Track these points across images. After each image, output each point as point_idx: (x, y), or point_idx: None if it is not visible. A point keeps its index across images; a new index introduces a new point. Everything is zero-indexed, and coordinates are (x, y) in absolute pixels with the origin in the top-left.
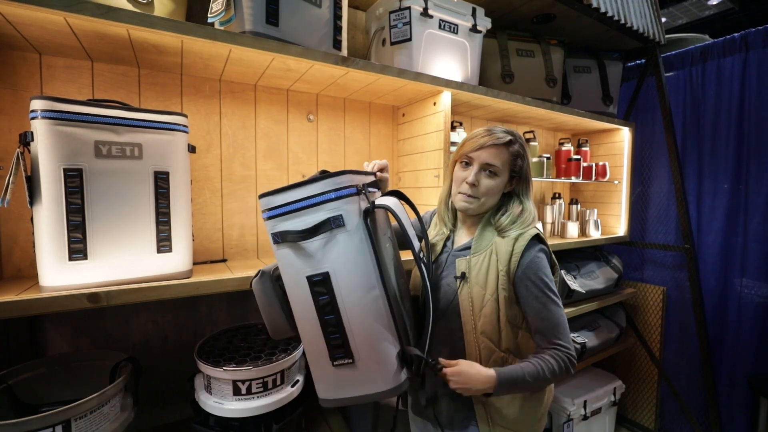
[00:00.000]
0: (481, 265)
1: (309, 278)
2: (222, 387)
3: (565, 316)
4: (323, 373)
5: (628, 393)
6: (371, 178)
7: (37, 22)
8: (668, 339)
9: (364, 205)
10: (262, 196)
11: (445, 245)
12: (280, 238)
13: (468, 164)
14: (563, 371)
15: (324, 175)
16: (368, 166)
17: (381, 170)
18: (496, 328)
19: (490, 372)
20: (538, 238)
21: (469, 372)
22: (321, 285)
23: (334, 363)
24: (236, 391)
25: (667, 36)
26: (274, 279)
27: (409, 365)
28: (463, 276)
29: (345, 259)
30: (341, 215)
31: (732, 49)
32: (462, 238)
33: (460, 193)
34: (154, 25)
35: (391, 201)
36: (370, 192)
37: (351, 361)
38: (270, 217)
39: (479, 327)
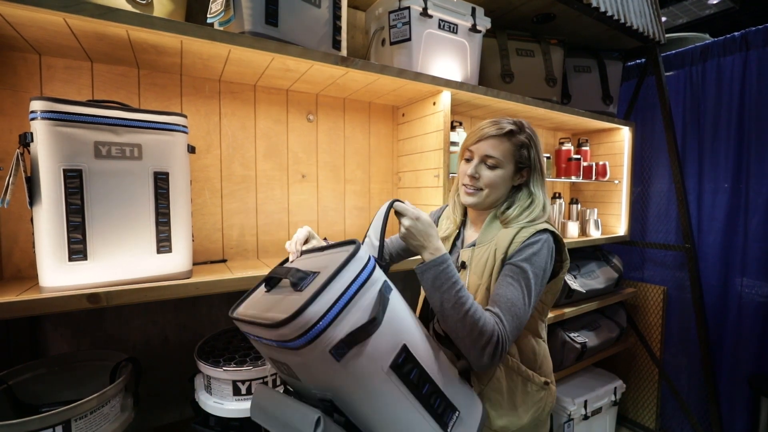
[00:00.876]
0: (482, 256)
1: (393, 364)
2: (222, 387)
3: (526, 313)
4: None
5: (628, 393)
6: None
7: (36, 23)
8: (669, 339)
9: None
10: (291, 318)
11: (454, 243)
12: (346, 346)
13: (469, 159)
14: (484, 337)
15: (348, 258)
16: (289, 246)
17: (306, 241)
18: None
19: (441, 245)
20: (545, 231)
21: (427, 228)
22: (406, 362)
23: (448, 429)
24: (236, 392)
25: (667, 35)
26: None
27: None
28: (464, 265)
29: (405, 318)
30: (386, 280)
31: (732, 48)
32: (471, 234)
33: (462, 185)
34: (153, 26)
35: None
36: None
37: (458, 413)
38: (317, 335)
39: None
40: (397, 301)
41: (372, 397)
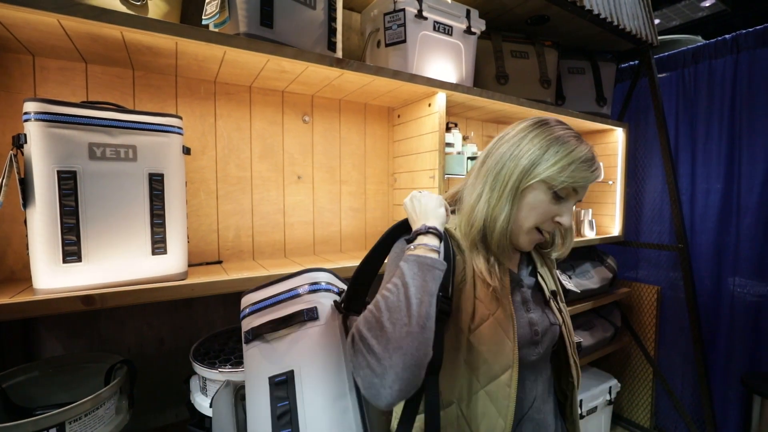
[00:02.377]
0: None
1: (271, 379)
2: (217, 388)
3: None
4: None
5: (623, 392)
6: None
7: (30, 24)
8: (663, 338)
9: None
10: (245, 293)
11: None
12: (251, 334)
13: (562, 198)
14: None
15: (303, 270)
16: None
17: None
18: None
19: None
20: None
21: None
22: (283, 387)
23: None
24: None
25: (660, 37)
26: (239, 398)
27: None
28: (555, 294)
29: (314, 355)
30: (315, 308)
31: (723, 51)
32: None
33: (536, 229)
34: (148, 27)
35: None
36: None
37: None
38: (245, 316)
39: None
40: (321, 336)
41: (252, 395)
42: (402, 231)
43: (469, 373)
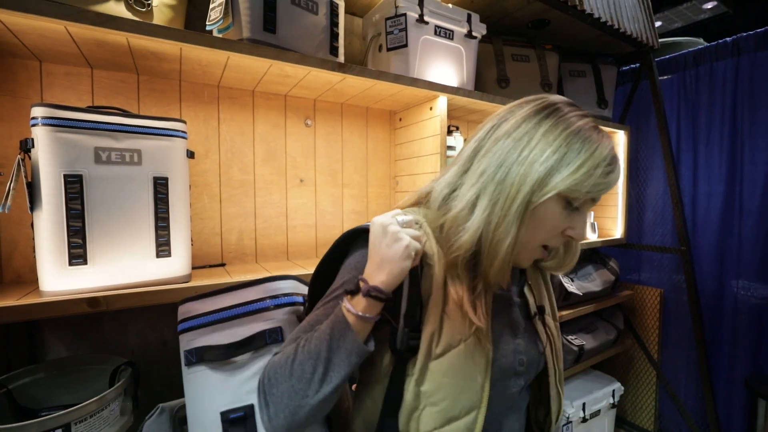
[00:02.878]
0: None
1: (224, 415)
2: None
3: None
4: None
5: (626, 395)
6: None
7: (37, 31)
8: (666, 341)
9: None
10: (183, 302)
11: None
12: (194, 356)
13: (578, 209)
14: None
15: (262, 279)
16: None
17: None
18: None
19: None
20: None
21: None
22: (240, 424)
23: None
24: None
25: (662, 40)
26: (176, 422)
27: None
28: (542, 310)
29: None
30: (280, 327)
31: (724, 53)
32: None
33: (543, 247)
34: (153, 34)
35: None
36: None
37: None
38: (186, 329)
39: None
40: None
41: (194, 426)
42: (360, 240)
43: (421, 409)
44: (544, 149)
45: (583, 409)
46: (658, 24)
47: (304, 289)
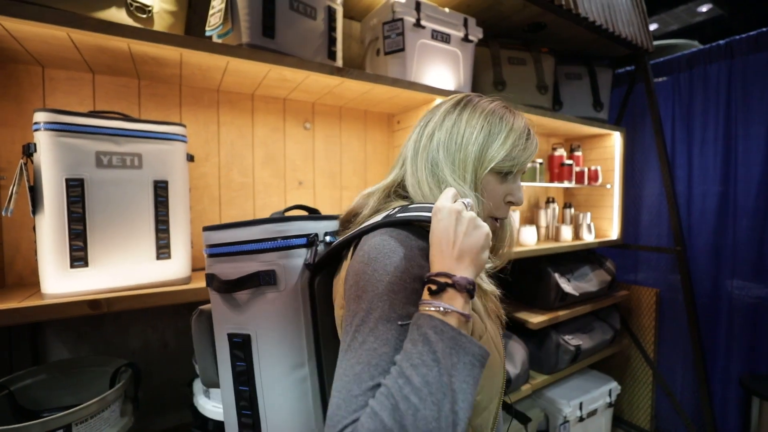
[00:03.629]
0: None
1: (230, 336)
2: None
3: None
4: None
5: (623, 394)
6: (334, 224)
7: (40, 38)
8: (662, 340)
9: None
10: (205, 229)
11: None
12: (209, 281)
13: (510, 176)
14: None
15: (268, 218)
16: None
17: None
18: None
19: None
20: None
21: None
22: (240, 348)
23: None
24: None
25: (657, 42)
26: (211, 320)
27: None
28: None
29: (271, 325)
30: (273, 271)
31: (717, 56)
32: None
33: (494, 219)
34: (154, 40)
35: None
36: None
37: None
38: (208, 255)
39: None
40: (279, 304)
41: (216, 336)
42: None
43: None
44: (472, 132)
45: (580, 409)
46: (654, 26)
47: (311, 227)
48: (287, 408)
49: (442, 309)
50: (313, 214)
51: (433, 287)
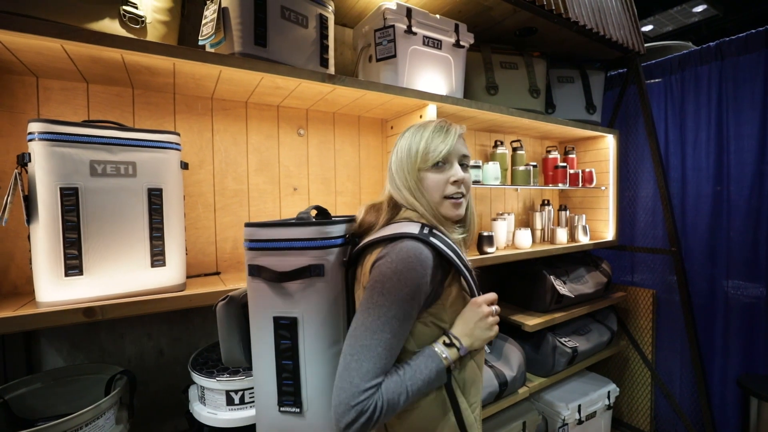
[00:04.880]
0: None
1: (276, 319)
2: (215, 397)
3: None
4: (266, 415)
5: (622, 396)
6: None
7: (34, 49)
8: (660, 341)
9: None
10: (248, 225)
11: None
12: (256, 272)
13: (441, 164)
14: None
15: (316, 221)
16: None
17: None
18: None
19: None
20: None
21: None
22: (286, 329)
23: (281, 408)
24: (229, 401)
25: (652, 44)
26: (240, 306)
27: None
28: None
29: (317, 309)
30: (323, 265)
31: (708, 58)
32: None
33: (445, 198)
34: (147, 50)
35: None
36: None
37: (299, 410)
38: (251, 248)
39: None
40: (325, 292)
41: (252, 321)
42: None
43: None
44: (402, 146)
45: (579, 411)
46: (649, 27)
47: (344, 229)
48: (323, 376)
49: (445, 356)
50: (338, 217)
51: (447, 341)
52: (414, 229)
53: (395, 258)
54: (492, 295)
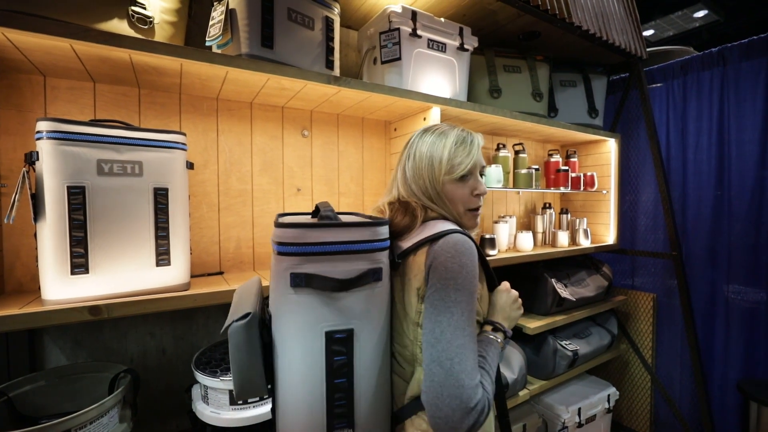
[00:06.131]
0: None
1: (329, 334)
2: (219, 397)
3: None
4: None
5: (622, 400)
6: None
7: (43, 48)
8: (660, 345)
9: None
10: (291, 226)
11: None
12: (303, 281)
13: (467, 176)
14: None
15: (371, 221)
16: None
17: None
18: None
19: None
20: None
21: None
22: (341, 343)
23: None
24: (233, 401)
25: (653, 49)
26: (261, 324)
27: None
28: None
29: (374, 316)
30: (381, 269)
31: (710, 63)
32: None
33: (468, 211)
34: (155, 50)
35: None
36: None
37: (351, 431)
38: (295, 254)
39: None
40: (381, 297)
41: (293, 340)
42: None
43: None
44: (422, 155)
45: (579, 414)
46: (650, 32)
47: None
48: (374, 390)
49: (499, 341)
50: (360, 215)
51: (491, 327)
52: (454, 226)
53: (455, 252)
54: (507, 283)
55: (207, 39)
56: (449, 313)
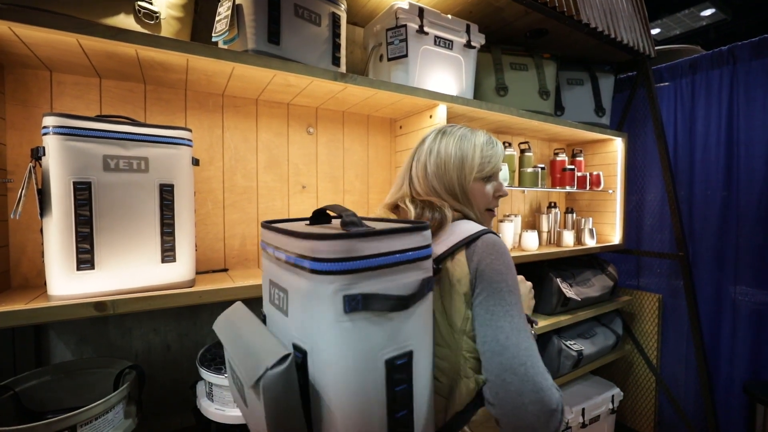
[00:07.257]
0: None
1: (389, 362)
2: (223, 394)
3: None
4: None
5: (626, 401)
6: None
7: (50, 43)
8: (665, 346)
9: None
10: (327, 237)
11: None
12: (361, 304)
13: (491, 177)
14: None
15: (418, 225)
16: None
17: None
18: None
19: None
20: None
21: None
22: (403, 370)
23: None
24: None
25: (660, 47)
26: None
27: None
28: None
29: (427, 331)
30: (432, 277)
31: (720, 62)
32: None
33: (488, 210)
34: (161, 46)
35: None
36: None
37: None
38: (346, 271)
39: None
40: (429, 308)
41: (349, 377)
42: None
43: None
44: (450, 152)
45: (583, 415)
46: (657, 31)
47: None
48: (427, 412)
49: (533, 332)
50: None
51: (531, 321)
52: (479, 226)
53: (498, 254)
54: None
55: (213, 34)
56: (509, 317)
